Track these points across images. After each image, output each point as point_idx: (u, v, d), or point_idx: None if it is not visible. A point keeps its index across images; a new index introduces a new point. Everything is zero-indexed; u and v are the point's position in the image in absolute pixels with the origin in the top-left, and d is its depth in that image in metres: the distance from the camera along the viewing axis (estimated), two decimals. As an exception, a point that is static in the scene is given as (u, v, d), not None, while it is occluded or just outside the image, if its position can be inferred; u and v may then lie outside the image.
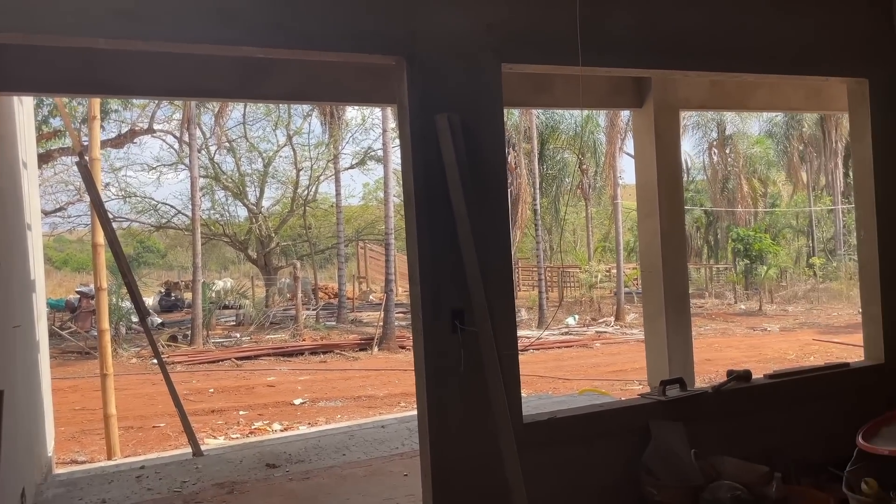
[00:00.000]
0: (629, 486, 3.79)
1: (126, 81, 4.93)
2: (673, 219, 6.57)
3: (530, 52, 3.74)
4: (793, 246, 36.98)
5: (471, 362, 3.48)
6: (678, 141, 6.79)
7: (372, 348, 17.28)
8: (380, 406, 11.30)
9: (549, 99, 6.29)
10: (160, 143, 27.83)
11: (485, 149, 3.60)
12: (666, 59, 4.09)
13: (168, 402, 11.58)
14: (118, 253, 6.18)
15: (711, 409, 4.11)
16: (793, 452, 4.06)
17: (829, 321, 21.62)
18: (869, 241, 4.61)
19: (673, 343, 6.54)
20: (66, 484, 5.63)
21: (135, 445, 9.13)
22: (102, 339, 8.24)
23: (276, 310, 22.09)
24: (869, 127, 4.55)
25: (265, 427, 9.84)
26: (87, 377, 14.22)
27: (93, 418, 10.77)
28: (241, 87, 5.26)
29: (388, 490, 5.04)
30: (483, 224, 3.50)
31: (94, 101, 8.05)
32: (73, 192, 21.89)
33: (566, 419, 3.87)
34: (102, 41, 3.04)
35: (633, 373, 13.92)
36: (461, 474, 3.50)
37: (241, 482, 5.35)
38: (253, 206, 25.52)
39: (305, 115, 24.71)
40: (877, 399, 4.36)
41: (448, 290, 3.52)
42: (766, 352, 15.88)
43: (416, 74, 3.48)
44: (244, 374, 14.61)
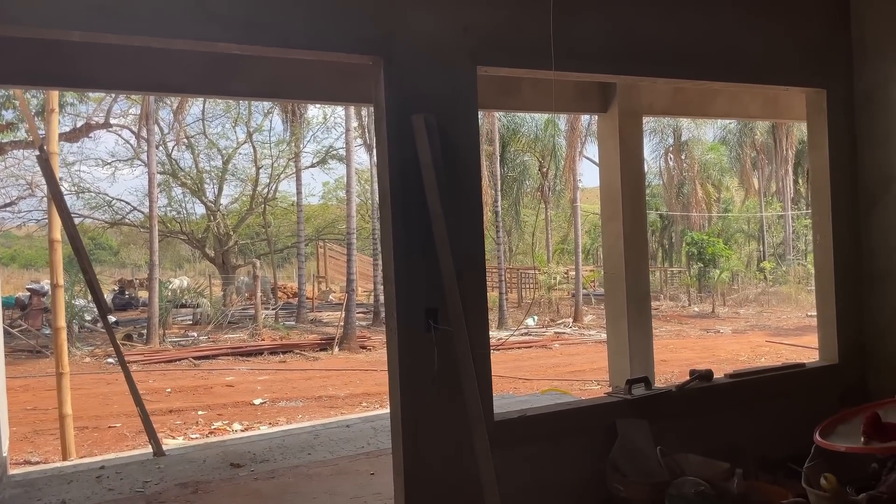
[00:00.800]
0: (596, 483, 3.87)
1: (90, 74, 4.83)
2: (635, 222, 6.71)
3: (505, 56, 3.80)
4: (744, 250, 37.97)
5: (444, 361, 3.52)
6: (641, 146, 6.94)
7: (332, 348, 17.19)
8: (341, 406, 11.26)
9: (517, 102, 6.37)
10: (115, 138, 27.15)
11: (460, 150, 3.64)
12: (635, 65, 4.19)
13: (124, 402, 11.41)
14: (79, 249, 6.05)
15: (675, 407, 4.22)
16: (752, 449, 4.19)
17: (779, 323, 22.26)
18: (825, 246, 4.79)
19: (634, 343, 6.68)
20: (23, 484, 5.48)
21: (90, 446, 8.93)
22: (58, 336, 8.04)
23: (235, 309, 21.80)
24: (826, 136, 4.73)
25: (225, 427, 9.72)
26: (38, 376, 13.85)
27: (45, 418, 10.51)
28: (208, 82, 5.21)
29: (355, 489, 5.04)
30: (458, 224, 3.54)
31: (52, 93, 7.85)
32: (23, 186, 21.27)
33: (536, 417, 3.93)
34: (77, 34, 2.99)
35: (591, 373, 14.14)
36: (434, 471, 3.53)
37: (206, 482, 5.28)
38: (211, 203, 25.13)
39: (266, 112, 24.46)
40: (831, 397, 4.53)
41: (422, 290, 3.55)
42: (720, 353, 16.29)
43: (394, 75, 3.51)
44: (202, 373, 14.40)
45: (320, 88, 5.60)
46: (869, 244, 4.76)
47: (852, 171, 4.78)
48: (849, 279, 4.78)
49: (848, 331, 4.77)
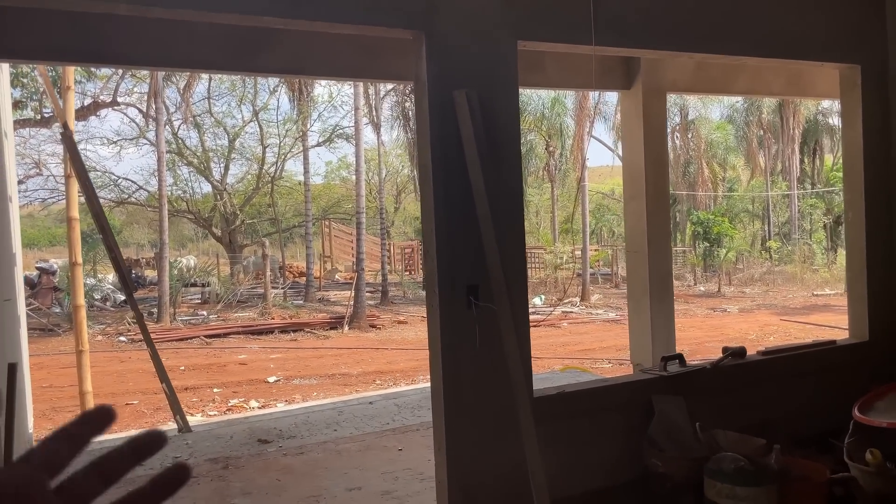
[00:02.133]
0: (633, 458, 3.89)
1: (118, 50, 4.80)
2: (658, 200, 6.70)
3: (545, 30, 3.76)
4: (749, 230, 37.92)
5: (485, 338, 3.52)
6: (664, 123, 6.91)
7: (343, 327, 17.23)
8: (355, 384, 11.31)
9: (541, 78, 6.33)
10: (121, 117, 27.06)
11: (500, 125, 3.62)
12: (672, 41, 4.15)
13: (139, 380, 11.49)
14: (104, 226, 6.04)
15: (709, 384, 4.24)
16: (785, 425, 4.20)
17: (785, 302, 22.29)
18: (856, 223, 4.77)
19: (656, 322, 6.69)
20: (53, 461, 5.53)
21: (110, 423, 8.97)
22: (77, 314, 8.05)
23: (243, 288, 21.83)
24: (860, 112, 4.70)
25: (242, 405, 9.77)
26: (51, 355, 13.93)
27: (62, 395, 10.58)
28: (234, 59, 5.17)
29: (385, 464, 5.08)
30: (499, 199, 3.52)
31: (68, 70, 7.80)
32: (30, 165, 21.22)
33: (573, 393, 3.95)
34: (124, 6, 2.96)
35: (601, 352, 14.19)
36: (475, 447, 3.55)
37: (235, 457, 5.33)
38: (218, 182, 25.07)
39: (272, 90, 24.33)
40: (861, 375, 4.55)
41: (463, 266, 3.55)
42: (728, 332, 16.32)
43: (435, 49, 3.47)
44: (214, 351, 14.45)
45: (344, 65, 5.56)
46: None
47: (886, 147, 4.75)
48: (880, 257, 4.77)
49: (879, 308, 4.77)
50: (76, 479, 0.51)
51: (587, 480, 3.86)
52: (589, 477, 3.86)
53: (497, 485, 3.58)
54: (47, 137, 20.67)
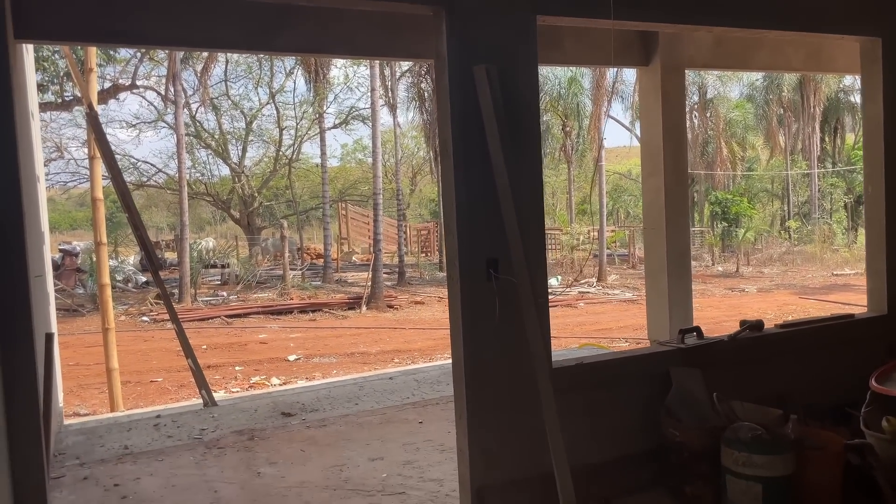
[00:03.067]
0: (651, 428, 3.96)
1: (143, 31, 4.88)
2: (676, 177, 6.71)
3: (565, 4, 3.78)
4: (768, 209, 37.60)
5: (505, 310, 3.59)
6: (683, 100, 6.91)
7: (360, 307, 17.40)
8: (374, 362, 11.46)
9: (560, 55, 6.34)
10: (139, 101, 27.25)
11: (520, 100, 3.66)
12: (692, 14, 4.15)
13: (163, 358, 11.72)
14: (130, 206, 6.16)
15: (727, 356, 4.28)
16: (802, 397, 4.25)
17: (805, 282, 22.16)
18: (876, 198, 4.77)
19: (674, 298, 6.73)
20: (84, 432, 5.71)
21: (135, 399, 9.20)
22: (103, 293, 8.24)
23: (262, 269, 22.06)
24: (881, 85, 4.68)
25: (263, 382, 9.95)
26: (76, 334, 14.20)
27: (88, 373, 10.81)
28: (257, 38, 5.24)
29: (406, 436, 5.19)
30: (519, 174, 3.57)
31: (90, 52, 7.91)
32: (51, 149, 21.47)
33: (592, 365, 4.02)
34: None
35: (618, 331, 14.25)
36: (496, 415, 3.63)
37: (260, 429, 5.47)
38: (235, 165, 25.25)
39: (288, 72, 24.40)
40: (879, 348, 4.57)
41: (483, 240, 3.61)
42: (746, 311, 16.28)
43: (455, 25, 3.51)
44: (235, 331, 14.67)
45: (363, 43, 5.61)
46: (921, 195, 4.74)
47: (906, 121, 4.73)
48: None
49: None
50: None
51: (606, 449, 3.93)
52: (608, 446, 3.94)
53: (517, 452, 3.66)
54: (68, 121, 20.93)
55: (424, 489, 4.24)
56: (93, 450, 5.19)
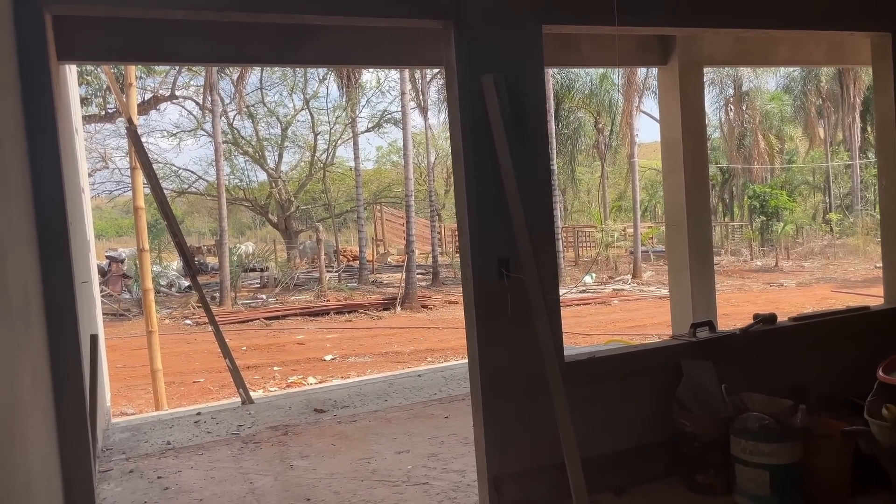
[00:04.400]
0: (663, 419, 4.09)
1: (175, 49, 5.16)
2: (697, 174, 6.77)
3: (569, 13, 3.94)
4: (809, 202, 36.90)
5: (516, 307, 3.76)
6: (702, 97, 6.96)
7: (395, 308, 17.68)
8: (407, 361, 11.69)
9: (577, 58, 6.46)
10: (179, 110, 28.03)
11: (528, 106, 3.83)
12: (697, 17, 4.26)
13: (205, 360, 12.12)
14: (168, 213, 6.49)
15: (739, 349, 4.38)
16: (815, 389, 4.32)
17: (846, 276, 21.77)
18: (890, 190, 4.82)
19: (697, 294, 6.80)
20: (129, 429, 6.04)
21: (179, 398, 9.57)
22: (146, 297, 8.62)
23: (300, 272, 22.51)
24: (891, 80, 4.72)
25: (301, 381, 10.25)
26: (123, 338, 14.74)
27: (134, 375, 11.26)
28: (283, 52, 5.48)
29: (431, 430, 5.39)
30: (527, 177, 3.74)
31: (129, 68, 8.30)
32: (96, 159, 22.23)
33: (604, 359, 4.16)
34: (180, 13, 3.29)
35: (651, 328, 14.23)
36: (511, 407, 3.81)
37: (294, 425, 5.73)
38: (272, 170, 25.79)
39: (322, 78, 24.83)
40: (895, 339, 4.61)
41: (494, 240, 3.79)
42: (783, 306, 16.10)
43: (463, 37, 3.70)
44: (273, 332, 15.07)
45: (384, 53, 5.81)
46: (936, 187, 4.77)
47: (919, 114, 4.77)
48: (915, 222, 4.81)
49: (913, 274, 4.82)
50: None
51: (619, 439, 4.08)
52: (621, 436, 4.08)
53: (531, 442, 3.83)
54: (111, 132, 21.66)
55: (447, 480, 4.44)
56: (138, 445, 5.50)
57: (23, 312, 2.92)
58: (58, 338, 3.33)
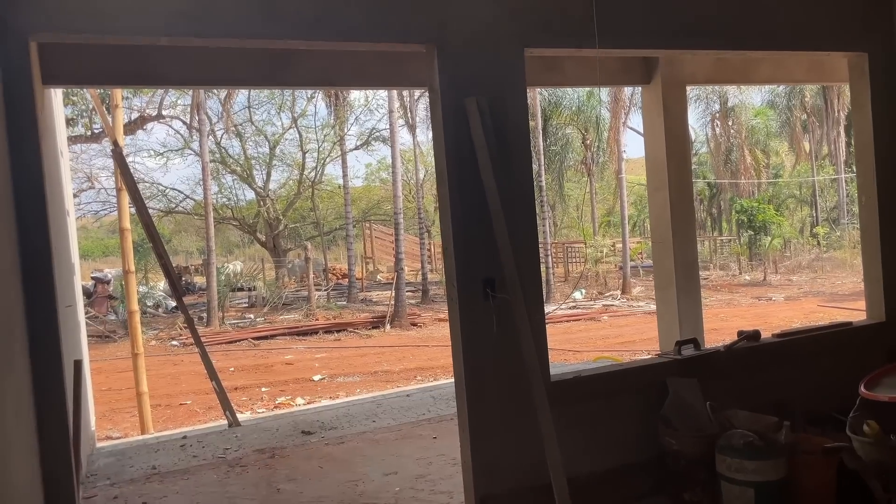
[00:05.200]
0: (649, 437, 4.10)
1: (160, 72, 5.18)
2: (681, 191, 6.84)
3: (550, 37, 4.00)
4: (796, 216, 37.19)
5: (502, 326, 3.78)
6: (685, 115, 7.04)
7: (384, 326, 17.64)
8: (397, 380, 11.66)
9: (560, 78, 6.53)
10: (166, 130, 28.05)
11: (510, 128, 3.87)
12: (676, 39, 4.34)
13: (192, 381, 12.03)
14: (154, 235, 6.47)
15: (724, 366, 4.41)
16: (800, 405, 4.35)
17: (834, 289, 21.92)
18: (870, 206, 4.88)
19: (683, 310, 6.84)
20: (114, 454, 5.98)
21: (165, 421, 9.49)
22: (132, 319, 8.57)
23: (288, 291, 22.45)
24: (869, 98, 4.81)
25: (289, 402, 10.20)
26: (109, 360, 14.61)
27: (120, 398, 11.16)
28: (269, 74, 5.50)
29: (420, 451, 5.37)
30: (511, 198, 3.78)
31: (116, 90, 8.31)
32: (82, 179, 22.16)
33: (590, 377, 4.18)
34: (165, 40, 3.31)
35: (641, 343, 14.26)
36: (497, 427, 3.81)
37: (281, 448, 5.69)
38: (260, 189, 25.78)
39: (310, 97, 24.91)
40: (878, 355, 4.65)
41: (479, 261, 3.81)
42: (772, 320, 16.19)
43: (447, 61, 3.74)
44: (262, 353, 14.99)
45: (370, 74, 5.85)
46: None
47: (895, 132, 4.85)
48: (894, 238, 4.87)
49: (894, 288, 4.87)
50: None
51: (606, 459, 4.08)
52: (608, 455, 4.09)
53: (518, 463, 3.83)
54: (98, 152, 21.60)
55: (435, 502, 4.42)
56: (123, 470, 5.46)
57: (5, 338, 2.91)
58: (41, 364, 3.31)
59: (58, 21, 3.13)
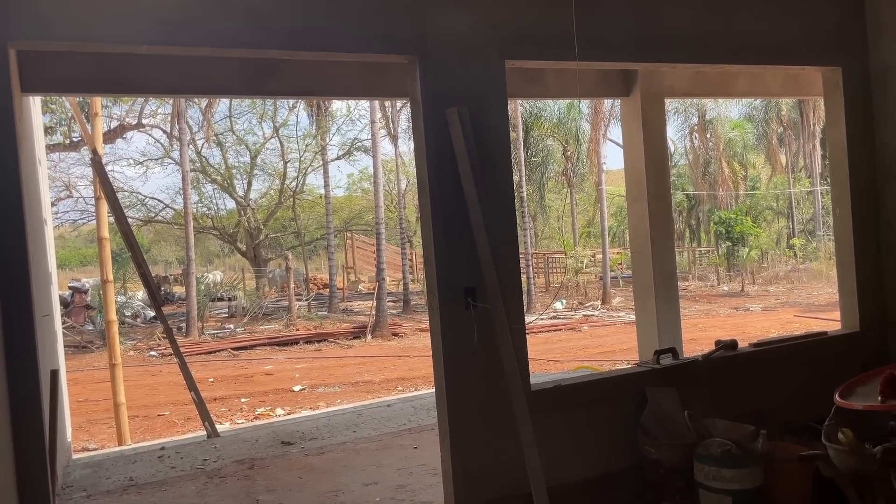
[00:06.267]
0: (628, 446, 4.13)
1: (141, 81, 5.15)
2: (660, 202, 6.91)
3: (531, 49, 4.04)
4: (773, 227, 37.67)
5: (483, 336, 3.79)
6: (664, 128, 7.12)
7: (365, 336, 17.58)
8: (378, 391, 11.61)
9: (542, 90, 6.59)
10: (146, 138, 27.84)
11: (491, 139, 3.90)
12: (654, 52, 4.41)
13: (170, 392, 11.90)
14: (133, 245, 6.42)
15: (701, 375, 4.46)
16: (777, 414, 4.41)
17: (810, 300, 22.19)
18: (844, 218, 4.97)
19: (662, 320, 6.90)
20: (91, 465, 5.90)
21: (143, 432, 9.38)
22: (110, 329, 8.47)
23: (269, 301, 22.31)
24: (843, 112, 4.90)
25: (268, 413, 10.12)
26: (86, 370, 14.42)
27: (97, 409, 11.01)
28: (250, 84, 5.49)
29: (400, 461, 5.36)
30: (492, 208, 3.80)
31: (95, 98, 8.24)
32: (60, 188, 21.92)
33: (569, 387, 4.21)
34: (145, 48, 3.31)
35: (621, 353, 14.33)
36: (477, 437, 3.82)
37: (260, 458, 5.65)
38: (241, 198, 25.64)
39: (291, 107, 24.86)
40: (852, 364, 4.71)
41: (460, 270, 3.83)
42: (750, 330, 16.36)
43: (428, 72, 3.77)
44: (241, 363, 14.87)
45: (353, 85, 5.86)
46: (887, 216, 4.93)
47: (869, 146, 4.94)
48: (868, 250, 4.96)
49: (868, 299, 4.96)
50: None
51: (586, 467, 4.11)
52: (588, 464, 4.11)
53: (498, 472, 3.84)
54: (76, 161, 21.40)
55: (415, 511, 4.41)
56: (99, 482, 5.38)
57: (-20, 349, 2.88)
58: (17, 374, 3.27)
59: (37, 28, 3.12)
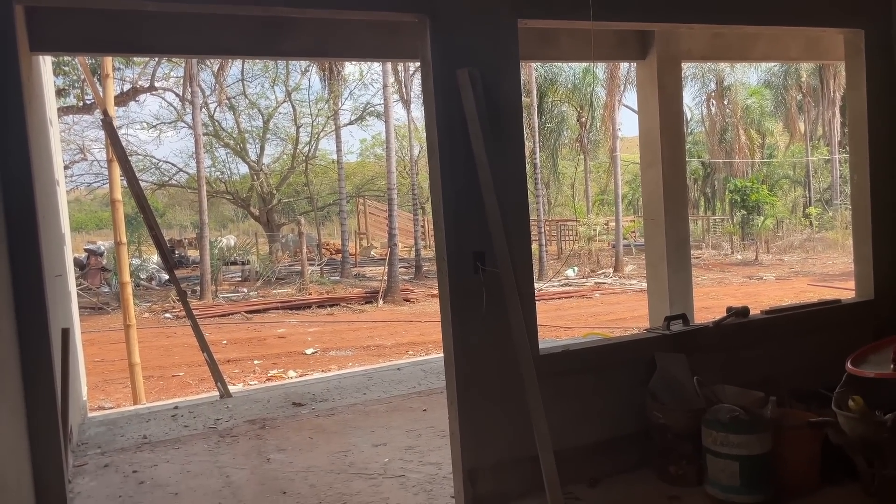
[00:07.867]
0: (636, 411, 4.13)
1: (149, 40, 5.11)
2: (674, 168, 6.82)
3: (544, 8, 3.95)
4: (789, 196, 37.27)
5: (492, 301, 3.78)
6: (680, 92, 7.00)
7: (377, 301, 17.66)
8: (389, 354, 11.70)
9: (556, 52, 6.47)
10: (159, 102, 27.74)
11: (502, 100, 3.84)
12: (672, 13, 4.30)
13: (184, 353, 12.05)
14: (145, 207, 6.43)
15: (712, 342, 4.44)
16: (787, 381, 4.39)
17: (825, 269, 22.02)
18: (861, 185, 4.89)
19: (674, 288, 6.86)
20: (105, 423, 6.00)
21: (158, 392, 9.52)
22: (124, 291, 8.54)
23: (282, 265, 22.42)
24: (864, 76, 4.78)
25: (281, 374, 10.23)
26: (102, 331, 14.62)
27: (113, 369, 11.18)
28: (260, 44, 5.43)
29: (409, 423, 5.41)
30: (502, 171, 3.76)
31: (106, 59, 8.20)
32: (75, 151, 21.98)
33: (578, 351, 4.20)
34: (152, 4, 3.26)
35: (632, 321, 14.33)
36: (485, 400, 3.83)
37: (272, 419, 5.72)
38: (254, 163, 25.63)
39: (304, 70, 24.68)
40: (866, 332, 4.66)
41: (470, 235, 3.80)
42: (762, 299, 16.28)
43: (439, 31, 3.70)
44: (255, 326, 15.01)
45: (364, 46, 5.78)
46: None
47: (890, 111, 4.83)
48: (884, 217, 4.87)
49: (884, 267, 4.89)
50: None
51: (594, 432, 4.12)
52: (596, 428, 4.12)
53: (506, 435, 3.86)
54: (90, 123, 21.40)
55: (423, 472, 4.46)
56: (114, 440, 5.47)
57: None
58: (27, 331, 3.30)
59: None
